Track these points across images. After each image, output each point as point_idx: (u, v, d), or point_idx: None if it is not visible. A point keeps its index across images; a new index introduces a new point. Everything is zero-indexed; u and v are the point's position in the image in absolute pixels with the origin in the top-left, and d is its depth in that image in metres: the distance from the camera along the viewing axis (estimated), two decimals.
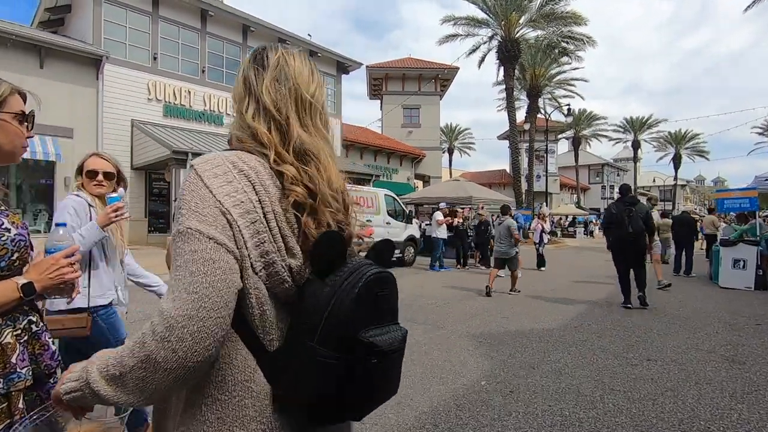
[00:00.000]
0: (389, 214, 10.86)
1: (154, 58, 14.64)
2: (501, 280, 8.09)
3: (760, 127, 43.23)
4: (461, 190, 13.89)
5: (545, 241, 11.76)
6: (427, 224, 16.28)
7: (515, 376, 3.56)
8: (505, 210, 8.26)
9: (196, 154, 13.22)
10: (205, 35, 15.96)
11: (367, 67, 27.12)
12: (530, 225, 14.70)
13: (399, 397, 3.10)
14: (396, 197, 11.71)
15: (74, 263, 1.11)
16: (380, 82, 28.50)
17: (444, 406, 2.99)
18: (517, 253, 7.58)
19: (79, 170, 2.08)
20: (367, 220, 9.68)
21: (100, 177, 2.06)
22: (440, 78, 27.58)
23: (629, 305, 6.37)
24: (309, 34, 20.85)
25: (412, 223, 12.25)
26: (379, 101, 30.98)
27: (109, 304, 2.06)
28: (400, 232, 11.24)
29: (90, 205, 2.01)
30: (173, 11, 15.07)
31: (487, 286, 7.40)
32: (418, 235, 12.65)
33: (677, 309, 6.34)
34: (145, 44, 14.53)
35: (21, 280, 1.03)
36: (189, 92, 15.50)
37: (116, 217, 1.95)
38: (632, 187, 41.46)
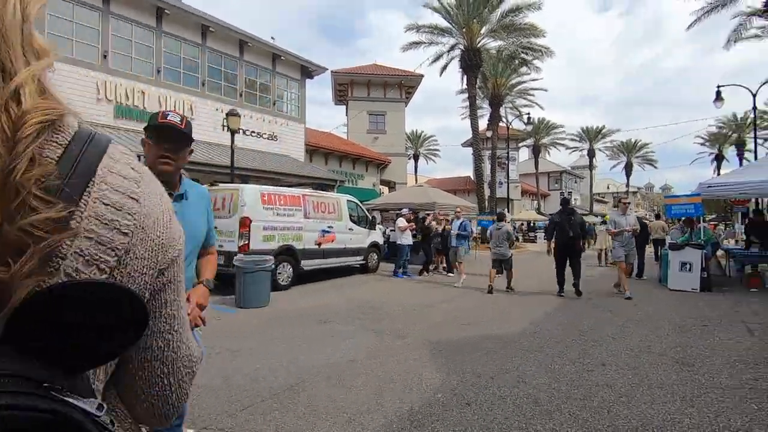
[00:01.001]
0: (352, 220, 10.67)
1: (104, 56, 13.86)
2: (471, 278, 8.08)
3: (702, 138, 46.36)
4: (425, 196, 13.92)
5: None
6: (391, 230, 16.23)
7: (473, 386, 3.47)
8: (501, 217, 9.35)
9: None
10: (161, 34, 15.29)
11: (332, 72, 26.94)
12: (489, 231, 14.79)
13: (350, 414, 2.93)
14: (359, 203, 11.55)
15: None
16: (345, 88, 28.39)
17: (398, 422, 2.84)
18: (511, 255, 8.76)
19: None
20: (329, 227, 9.46)
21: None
22: (405, 85, 27.80)
23: (562, 294, 7.91)
24: (272, 37, 20.42)
25: (375, 229, 12.11)
26: (344, 107, 30.84)
27: None
28: (363, 238, 11.08)
29: None
30: (126, 8, 14.34)
31: (489, 285, 8.43)
32: (381, 241, 12.53)
33: (630, 312, 6.52)
34: (94, 41, 13.73)
35: None
36: (143, 93, 14.77)
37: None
38: (589, 194, 42.74)
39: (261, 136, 18.73)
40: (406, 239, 10.64)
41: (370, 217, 11.96)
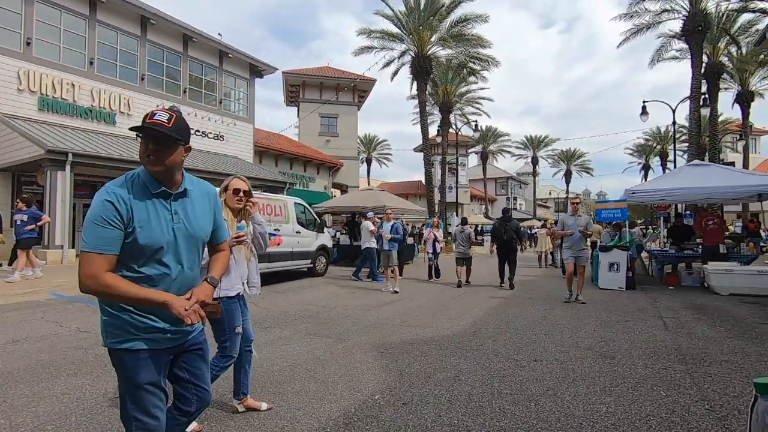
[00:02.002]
0: (299, 223, 10.50)
1: (27, 44, 12.73)
2: (407, 282, 8.16)
3: (631, 149, 50.35)
4: (374, 199, 13.98)
5: (438, 250, 11.21)
6: (341, 233, 16.15)
7: (411, 386, 3.51)
8: (464, 221, 11.05)
9: (79, 156, 11.67)
10: (95, 23, 14.29)
11: (283, 72, 26.47)
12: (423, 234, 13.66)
13: (285, 420, 2.87)
14: (307, 206, 11.40)
15: None
16: (297, 89, 28.00)
17: (333, 425, 2.82)
18: (471, 253, 10.27)
19: (224, 188, 2.81)
20: (275, 230, 9.24)
21: (241, 194, 2.80)
22: (358, 89, 27.88)
23: (503, 286, 9.67)
24: (219, 34, 19.74)
25: (324, 232, 12.00)
26: (296, 108, 30.38)
27: (235, 296, 2.76)
28: (311, 241, 10.93)
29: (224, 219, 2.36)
30: None
31: (459, 280, 9.98)
32: (330, 244, 12.43)
33: (562, 310, 6.91)
34: (15, 26, 12.57)
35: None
36: (73, 85, 13.73)
37: (237, 242, 2.68)
38: (533, 199, 44.94)
39: (206, 136, 18.00)
40: (374, 243, 10.20)
41: (319, 220, 11.84)
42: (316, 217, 11.75)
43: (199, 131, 17.51)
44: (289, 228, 9.91)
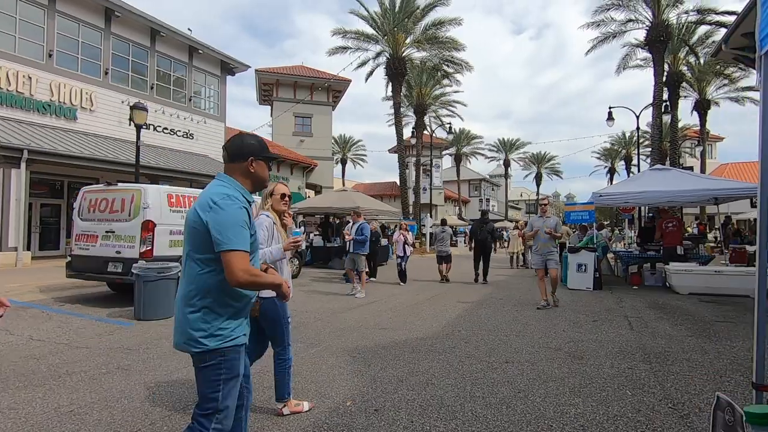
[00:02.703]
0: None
1: None
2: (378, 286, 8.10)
3: (598, 153, 52.13)
4: (348, 200, 13.89)
5: (408, 254, 10.82)
6: (316, 235, 15.95)
7: (383, 392, 3.46)
8: (444, 222, 12.16)
9: (36, 153, 11.07)
10: (54, 14, 13.60)
11: (256, 70, 25.99)
12: (393, 236, 13.35)
13: (253, 430, 2.76)
14: None
15: None
16: (271, 88, 27.53)
17: None
18: (450, 252, 11.22)
19: (270, 193, 3.03)
20: None
21: (287, 198, 3.07)
22: (333, 89, 27.67)
23: (477, 281, 10.69)
24: (189, 29, 19.15)
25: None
26: (269, 107, 29.87)
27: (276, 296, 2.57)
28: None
29: (273, 222, 2.93)
30: None
31: (442, 276, 11.00)
32: (304, 246, 12.23)
33: (533, 311, 7.03)
34: None
35: None
36: (30, 78, 13.01)
37: (294, 246, 2.99)
38: (505, 201, 45.71)
39: (175, 134, 17.44)
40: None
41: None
42: None
43: (167, 129, 16.95)
44: None
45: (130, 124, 10.67)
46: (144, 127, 10.66)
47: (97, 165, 12.75)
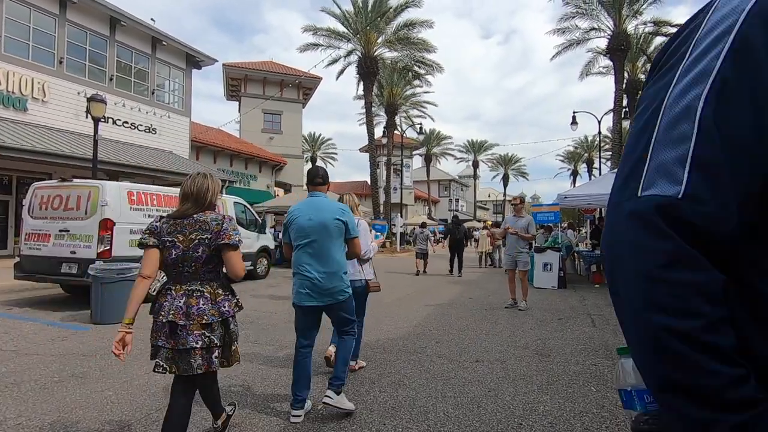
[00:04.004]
0: (239, 224, 10.01)
1: None
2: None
3: (562, 156, 53.99)
4: None
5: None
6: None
7: (355, 394, 3.42)
8: (423, 224, 14.54)
9: None
10: None
11: (223, 65, 25.28)
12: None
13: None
14: (247, 205, 10.92)
15: None
16: (239, 83, 26.84)
17: None
18: (428, 250, 13.22)
19: (356, 206, 3.85)
20: None
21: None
22: (303, 86, 27.28)
23: (452, 273, 12.67)
24: (152, 19, 18.34)
25: (265, 233, 11.57)
26: (237, 103, 29.12)
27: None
28: (251, 242, 10.47)
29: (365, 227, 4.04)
30: None
31: (417, 270, 12.77)
32: (272, 245, 12.01)
33: (502, 309, 7.16)
34: None
35: None
36: None
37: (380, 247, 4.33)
38: (474, 201, 46.48)
39: (136, 128, 16.68)
40: None
41: (260, 221, 11.39)
42: (257, 217, 11.29)
43: (128, 123, 16.18)
44: None
45: (87, 117, 10.10)
46: (102, 120, 10.11)
47: (51, 159, 12.00)
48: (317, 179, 3.16)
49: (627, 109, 21.74)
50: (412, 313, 6.82)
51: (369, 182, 27.06)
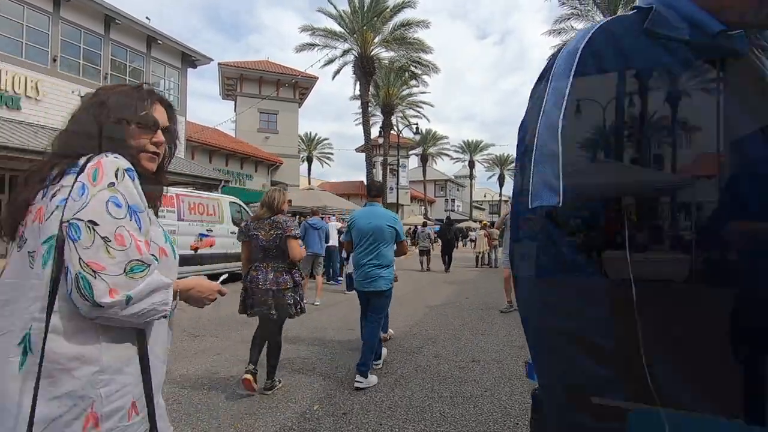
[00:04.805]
0: (235, 224, 9.98)
1: None
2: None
3: None
4: (315, 198, 13.73)
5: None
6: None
7: (351, 394, 3.42)
8: (425, 224, 16.38)
9: None
10: None
11: (219, 64, 25.16)
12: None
13: (224, 428, 2.65)
14: (243, 205, 10.87)
15: None
16: (235, 83, 26.73)
17: None
18: (431, 248, 14.69)
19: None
20: (208, 230, 8.71)
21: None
22: (299, 86, 27.20)
23: (439, 271, 13.59)
24: (147, 17, 18.21)
25: None
26: (233, 102, 29.01)
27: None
28: None
29: None
30: None
31: (423, 266, 14.18)
32: None
33: (499, 307, 7.16)
34: None
35: None
36: None
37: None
38: (470, 201, 46.55)
39: None
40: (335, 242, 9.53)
41: None
42: None
43: None
44: (223, 228, 9.38)
45: None
46: None
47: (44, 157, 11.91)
48: (373, 192, 4.11)
49: None
50: (408, 313, 6.81)
51: (365, 182, 27.03)
